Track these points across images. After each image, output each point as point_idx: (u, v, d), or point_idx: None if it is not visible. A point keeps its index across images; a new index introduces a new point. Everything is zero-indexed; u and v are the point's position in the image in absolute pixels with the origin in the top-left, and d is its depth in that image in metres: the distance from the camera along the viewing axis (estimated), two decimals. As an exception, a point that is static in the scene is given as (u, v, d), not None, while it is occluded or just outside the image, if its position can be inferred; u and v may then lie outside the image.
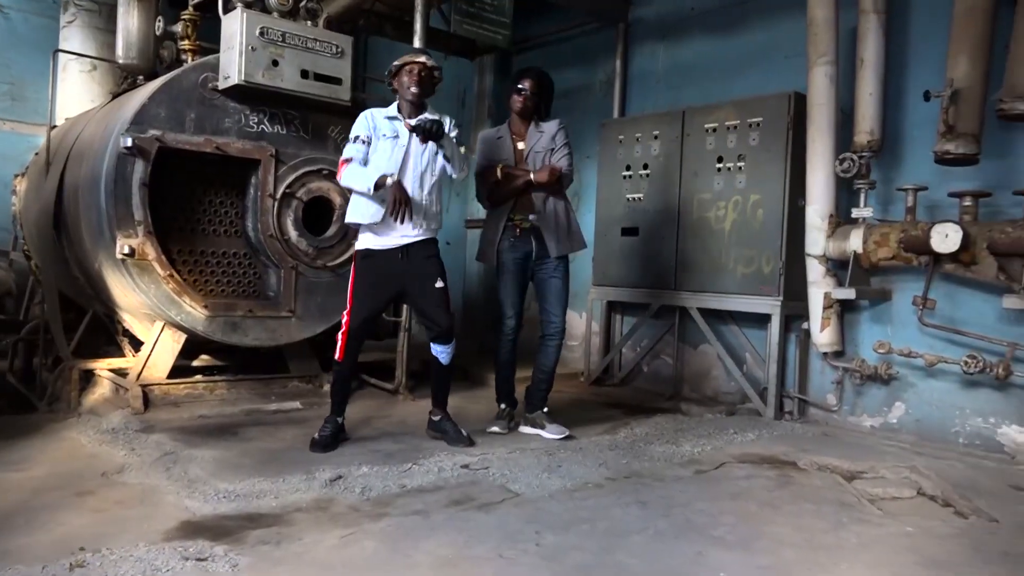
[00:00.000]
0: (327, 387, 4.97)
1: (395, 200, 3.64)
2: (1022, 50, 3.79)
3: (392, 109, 3.87)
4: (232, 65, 4.38)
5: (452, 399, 4.14)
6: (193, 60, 4.94)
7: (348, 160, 3.74)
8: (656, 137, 5.49)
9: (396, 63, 3.84)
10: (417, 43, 5.00)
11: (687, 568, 2.48)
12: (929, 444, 4.26)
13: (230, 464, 3.42)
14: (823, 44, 4.48)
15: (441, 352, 3.97)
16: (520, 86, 4.17)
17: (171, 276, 4.42)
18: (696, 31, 5.78)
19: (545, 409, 4.25)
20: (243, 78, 4.34)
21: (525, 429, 4.24)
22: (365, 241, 3.83)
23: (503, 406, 4.32)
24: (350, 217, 3.84)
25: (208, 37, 5.02)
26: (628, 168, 5.64)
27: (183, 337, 4.64)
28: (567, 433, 4.12)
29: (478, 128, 7.39)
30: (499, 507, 2.99)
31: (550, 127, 4.23)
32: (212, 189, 4.80)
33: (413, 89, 3.77)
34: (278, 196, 4.76)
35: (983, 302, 4.16)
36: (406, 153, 3.77)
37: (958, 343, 4.22)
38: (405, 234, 3.78)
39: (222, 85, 4.49)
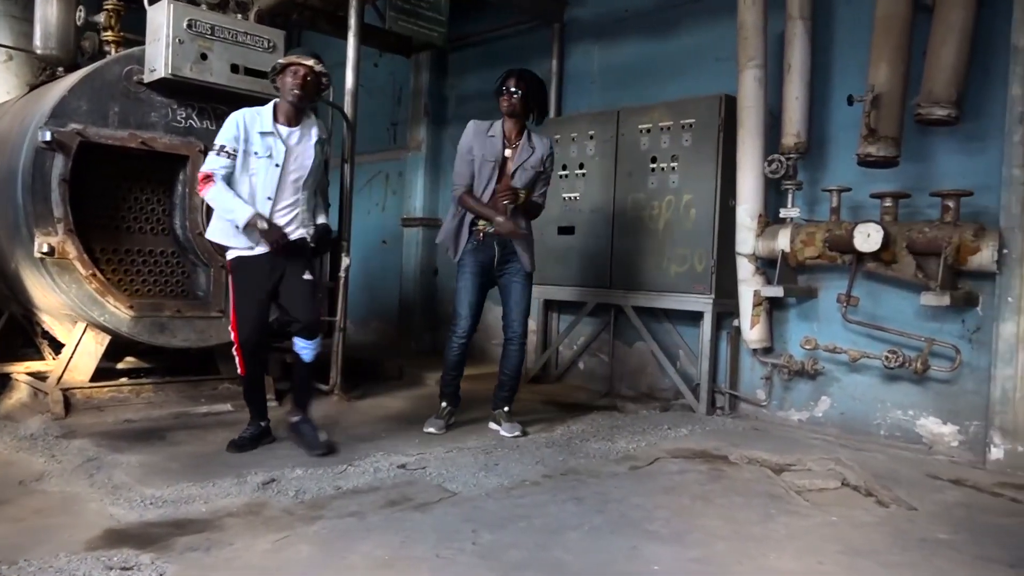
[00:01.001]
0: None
1: (273, 244, 3.53)
2: (938, 56, 3.95)
3: (267, 119, 3.60)
4: (158, 58, 4.24)
5: (392, 399, 4.11)
6: (117, 52, 4.77)
7: (210, 176, 3.50)
8: (592, 137, 5.55)
9: (281, 61, 3.66)
10: (351, 39, 4.95)
11: (622, 562, 2.52)
12: (852, 436, 4.41)
13: (157, 469, 3.31)
14: (752, 48, 4.60)
15: (304, 349, 3.72)
16: (506, 87, 4.12)
17: (94, 275, 4.26)
18: (630, 33, 5.86)
19: (506, 408, 4.32)
20: (170, 71, 4.21)
21: (491, 425, 4.33)
22: (236, 250, 3.61)
23: (444, 405, 4.31)
24: (217, 237, 3.66)
25: (133, 28, 4.86)
26: (564, 167, 5.68)
27: (107, 339, 4.48)
28: (518, 432, 4.19)
29: (414, 126, 7.36)
30: (436, 507, 2.98)
31: (542, 147, 4.21)
32: (138, 185, 4.65)
33: (296, 92, 3.56)
34: (207, 193, 4.64)
35: (902, 299, 4.34)
36: (281, 173, 3.59)
37: (879, 339, 4.39)
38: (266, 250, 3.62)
39: (148, 78, 4.35)
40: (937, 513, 3.13)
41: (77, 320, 4.47)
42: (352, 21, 4.98)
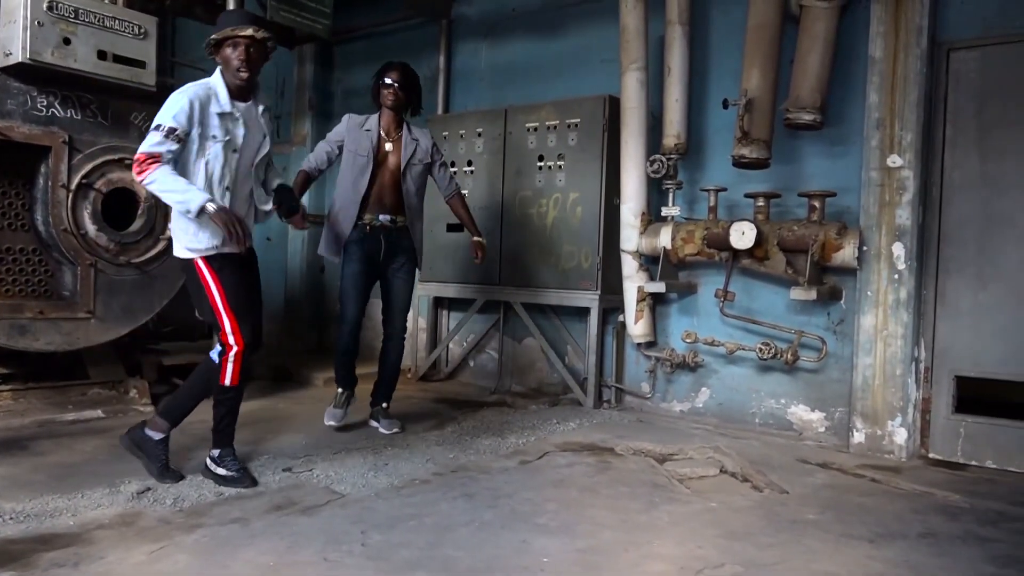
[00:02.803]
0: (133, 392, 4.63)
1: (228, 227, 3.00)
2: (804, 64, 4.19)
3: (223, 97, 3.13)
4: (14, 41, 3.94)
5: (277, 400, 3.99)
6: (-33, 33, 4.40)
7: (156, 158, 2.95)
8: (480, 135, 5.56)
9: (215, 36, 3.13)
10: (231, 28, 4.74)
11: (512, 556, 2.54)
12: (730, 425, 4.62)
13: (18, 482, 3.09)
14: (634, 51, 4.73)
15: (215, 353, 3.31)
16: (387, 80, 4.10)
17: (-57, 275, 3.92)
18: (518, 31, 5.91)
19: (384, 405, 4.32)
20: (28, 56, 3.92)
21: (371, 423, 4.31)
22: (211, 246, 3.12)
23: (341, 390, 4.27)
24: (188, 243, 3.13)
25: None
26: (453, 165, 5.67)
27: (-41, 343, 4.14)
28: (397, 429, 4.19)
29: (298, 120, 7.16)
30: (323, 509, 2.91)
31: (424, 138, 4.24)
32: (-7, 178, 4.31)
33: (242, 72, 3.10)
34: (73, 187, 4.35)
35: (774, 294, 4.58)
36: (240, 159, 3.19)
37: (754, 332, 4.61)
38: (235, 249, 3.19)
39: (2, 63, 4.03)
40: (806, 495, 3.33)
41: (-77, 323, 4.11)
42: (231, 8, 4.78)
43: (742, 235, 4.28)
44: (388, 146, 4.16)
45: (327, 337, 6.86)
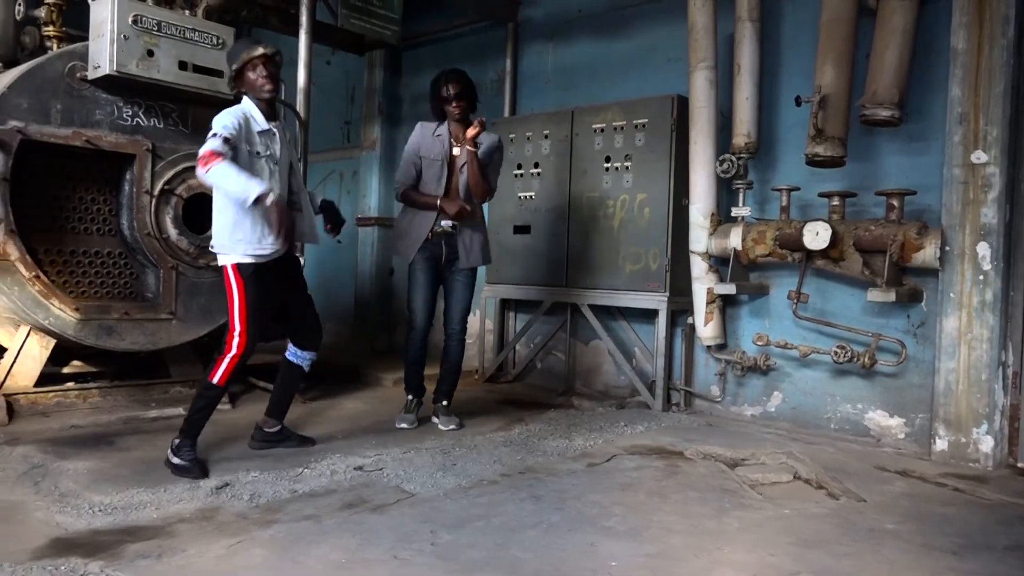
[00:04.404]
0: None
1: (281, 219, 3.24)
2: (881, 59, 4.06)
3: (259, 118, 3.43)
4: (103, 54, 4.14)
5: (347, 400, 4.07)
6: (59, 48, 4.63)
7: (219, 155, 3.14)
8: (546, 136, 5.57)
9: (235, 65, 3.42)
10: (303, 36, 4.89)
11: (579, 559, 2.53)
12: (804, 430, 4.51)
13: (106, 476, 3.23)
14: (703, 49, 4.66)
15: (307, 359, 3.78)
16: (449, 93, 4.15)
17: (37, 277, 4.14)
18: (584, 32, 5.89)
19: (445, 403, 4.40)
20: (115, 68, 4.11)
21: (432, 419, 4.40)
22: (246, 255, 3.38)
23: (411, 397, 4.39)
24: (229, 241, 3.35)
25: (75, 23, 4.72)
26: (519, 167, 5.69)
27: (52, 342, 4.36)
28: (454, 426, 4.28)
29: (368, 125, 7.30)
30: (393, 508, 2.96)
31: (488, 140, 4.28)
32: (82, 185, 4.53)
33: (269, 87, 3.40)
34: (156, 193, 4.54)
35: (850, 296, 4.44)
36: (279, 172, 3.48)
37: (829, 334, 4.49)
38: (276, 247, 3.44)
39: (92, 75, 4.24)
40: (885, 504, 3.22)
41: (20, 323, 4.34)
42: (304, 18, 4.92)
43: (816, 235, 4.17)
44: (456, 151, 4.21)
45: (396, 338, 6.97)
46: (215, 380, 3.39)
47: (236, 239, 3.36)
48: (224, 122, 3.27)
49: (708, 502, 3.15)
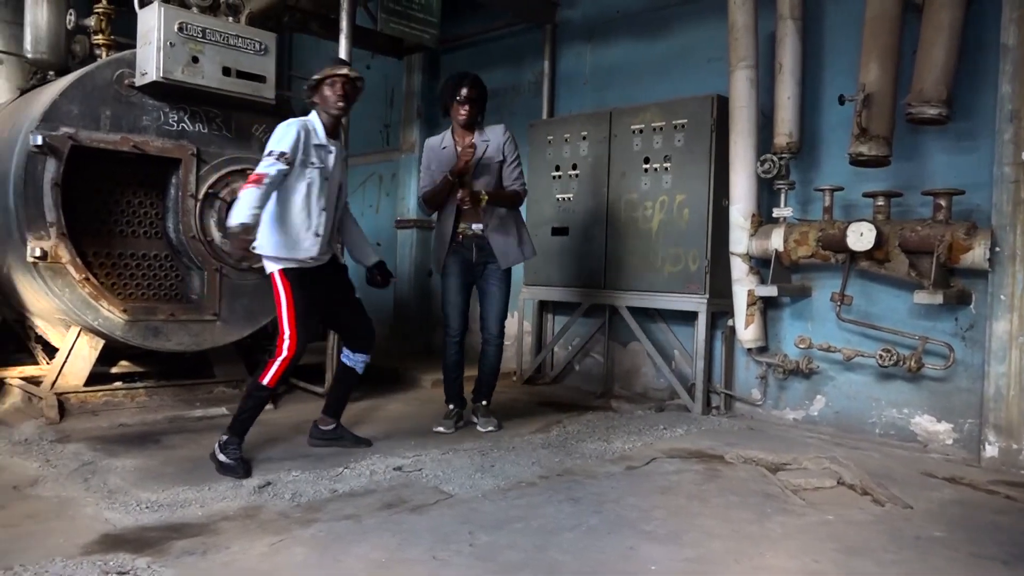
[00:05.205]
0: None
1: (241, 247, 3.39)
2: (928, 56, 3.97)
3: (320, 132, 3.57)
4: (150, 61, 4.23)
5: (387, 401, 4.12)
6: (108, 55, 4.76)
7: (260, 179, 3.32)
8: (584, 138, 5.55)
9: (317, 76, 3.60)
10: (343, 41, 4.94)
11: (619, 563, 2.52)
12: (848, 435, 4.42)
13: (152, 473, 3.31)
14: (743, 48, 4.61)
15: (361, 362, 3.90)
16: (462, 95, 4.14)
17: (87, 279, 4.25)
18: (622, 33, 5.87)
19: (484, 402, 4.41)
20: (161, 75, 4.20)
21: (471, 419, 4.41)
22: (290, 260, 3.50)
23: (452, 407, 4.39)
24: (270, 249, 3.48)
25: (123, 32, 4.85)
26: (557, 168, 5.69)
27: (100, 343, 4.47)
28: (492, 427, 4.29)
29: (407, 128, 7.36)
30: (432, 508, 2.97)
31: (496, 134, 4.25)
32: (130, 189, 4.64)
33: (340, 104, 3.57)
34: (200, 196, 4.63)
35: (895, 298, 4.35)
36: (329, 186, 3.61)
37: (873, 337, 4.40)
38: (322, 253, 3.61)
39: (139, 82, 4.34)
40: (932, 511, 3.14)
41: (71, 324, 4.46)
42: (344, 23, 4.97)
43: (860, 236, 4.10)
44: (458, 149, 4.17)
45: (435, 339, 7.01)
46: (265, 381, 3.48)
47: (275, 245, 3.48)
48: (283, 136, 3.43)
49: (749, 507, 3.11)
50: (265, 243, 3.48)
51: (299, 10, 5.68)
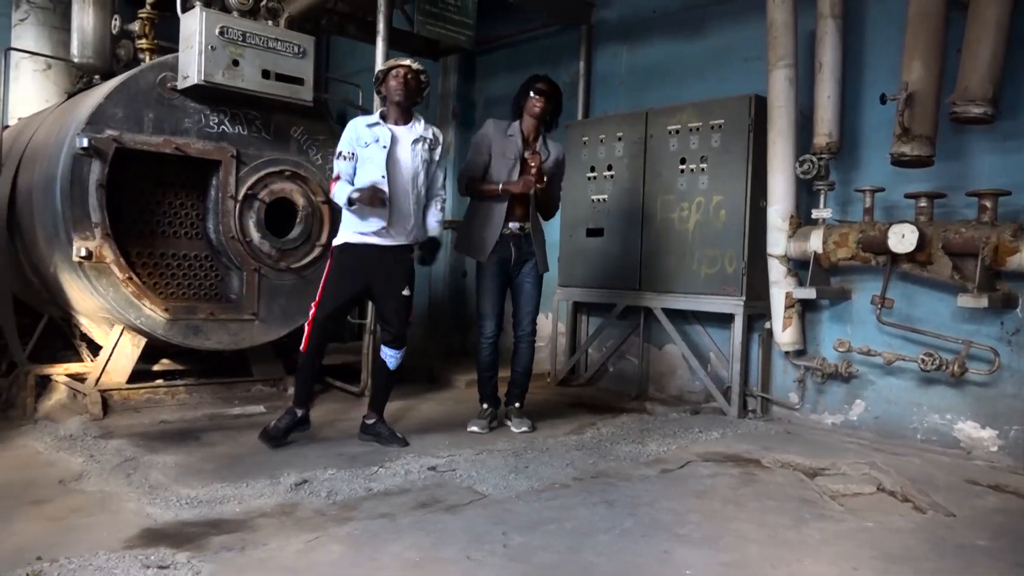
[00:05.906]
0: (291, 390, 4.93)
1: (371, 194, 3.70)
2: (973, 54, 3.88)
3: (374, 116, 3.91)
4: (191, 65, 4.31)
5: (421, 401, 4.14)
6: (151, 59, 4.86)
7: (337, 178, 3.82)
8: (620, 138, 5.53)
9: (382, 68, 3.94)
10: (380, 43, 4.98)
11: (653, 566, 2.50)
12: (888, 440, 4.34)
13: (192, 470, 3.36)
14: (782, 47, 4.55)
15: (390, 356, 3.99)
16: (538, 90, 4.20)
17: (130, 279, 4.34)
18: (658, 33, 5.83)
19: (517, 404, 4.42)
20: (203, 78, 4.28)
21: (505, 421, 4.42)
22: (345, 235, 3.84)
23: (485, 406, 4.40)
24: (340, 227, 3.91)
25: (166, 36, 4.94)
26: (592, 169, 5.67)
27: (143, 341, 4.56)
28: (526, 428, 4.29)
29: (442, 129, 7.35)
30: (466, 509, 2.98)
31: (556, 151, 4.36)
32: (172, 190, 4.73)
33: (400, 92, 3.81)
34: (240, 197, 4.71)
35: (938, 301, 4.26)
36: (389, 156, 3.80)
37: (915, 341, 4.32)
38: (390, 239, 3.84)
39: (181, 85, 4.42)
40: (976, 519, 3.07)
41: (114, 323, 4.56)
42: (380, 25, 5.01)
43: (902, 238, 4.02)
44: (527, 153, 4.21)
45: (469, 339, 7.03)
46: (301, 347, 3.84)
47: (344, 223, 3.86)
48: (343, 140, 3.87)
49: (786, 512, 3.07)
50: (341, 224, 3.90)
51: (337, 13, 5.73)
